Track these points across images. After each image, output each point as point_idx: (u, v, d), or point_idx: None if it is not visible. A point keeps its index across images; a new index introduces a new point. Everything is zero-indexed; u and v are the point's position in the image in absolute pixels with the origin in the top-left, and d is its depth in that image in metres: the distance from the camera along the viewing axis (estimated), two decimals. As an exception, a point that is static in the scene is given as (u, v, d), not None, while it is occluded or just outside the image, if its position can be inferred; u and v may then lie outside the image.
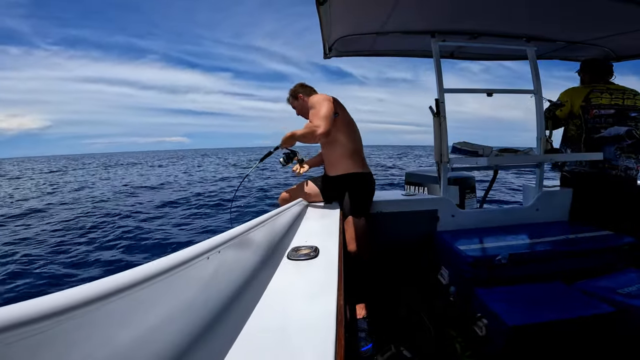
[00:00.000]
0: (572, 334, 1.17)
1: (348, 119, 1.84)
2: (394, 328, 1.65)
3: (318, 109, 1.69)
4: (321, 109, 1.68)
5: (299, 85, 1.97)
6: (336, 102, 1.80)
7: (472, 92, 2.16)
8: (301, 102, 1.92)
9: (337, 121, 1.77)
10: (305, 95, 1.90)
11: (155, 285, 0.43)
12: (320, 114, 1.66)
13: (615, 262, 1.64)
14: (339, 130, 1.79)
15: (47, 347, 0.29)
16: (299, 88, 1.95)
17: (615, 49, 2.28)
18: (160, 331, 0.45)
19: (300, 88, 1.95)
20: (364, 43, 2.15)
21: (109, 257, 4.47)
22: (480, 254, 1.58)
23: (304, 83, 1.97)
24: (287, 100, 2.01)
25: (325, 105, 1.69)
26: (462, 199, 2.78)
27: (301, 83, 1.97)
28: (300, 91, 1.93)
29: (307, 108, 1.85)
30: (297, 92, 1.93)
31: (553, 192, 2.22)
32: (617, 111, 2.04)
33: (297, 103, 1.94)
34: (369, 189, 1.87)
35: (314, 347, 0.49)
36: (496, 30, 2.01)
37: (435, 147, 1.98)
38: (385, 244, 2.00)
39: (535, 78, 2.11)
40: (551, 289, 1.38)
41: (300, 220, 1.40)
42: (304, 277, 0.78)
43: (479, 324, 1.29)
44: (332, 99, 1.79)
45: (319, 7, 1.47)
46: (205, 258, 0.55)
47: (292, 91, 1.96)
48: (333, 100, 1.78)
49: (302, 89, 1.93)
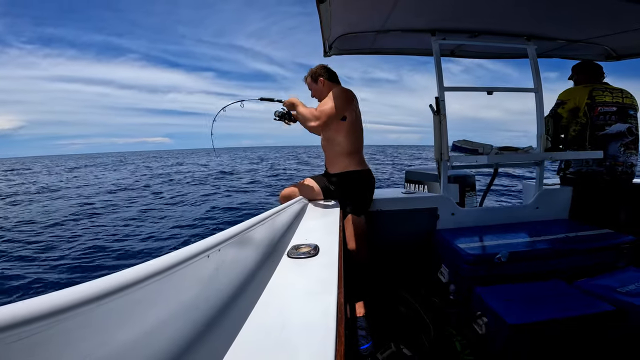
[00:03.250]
0: (572, 333, 1.17)
1: (353, 121, 1.78)
2: (393, 326, 1.65)
3: (331, 103, 1.65)
4: (332, 105, 1.64)
5: (322, 67, 1.85)
6: (353, 103, 1.75)
7: (472, 90, 2.15)
8: (320, 87, 1.82)
9: (340, 123, 1.74)
10: (326, 80, 1.82)
11: (155, 283, 0.42)
12: (327, 109, 1.64)
13: (615, 260, 1.64)
14: (339, 132, 1.77)
15: (45, 347, 0.29)
16: (322, 71, 1.83)
17: (615, 48, 2.27)
18: (161, 330, 0.45)
19: (322, 71, 1.83)
20: (364, 41, 2.14)
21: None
22: (480, 252, 1.58)
23: (327, 66, 1.86)
24: (305, 79, 1.91)
25: (339, 104, 1.66)
26: (462, 197, 2.78)
27: (324, 65, 1.86)
28: (322, 74, 1.82)
29: (325, 94, 1.78)
30: (318, 75, 1.82)
31: (553, 190, 2.22)
32: (618, 109, 2.08)
33: (316, 86, 1.85)
34: (368, 187, 1.86)
35: (314, 345, 0.49)
36: (496, 29, 2.01)
37: (436, 145, 1.98)
38: (385, 242, 2.00)
39: (535, 76, 2.11)
40: (551, 287, 1.38)
41: (300, 218, 1.40)
42: (304, 275, 0.77)
43: (479, 322, 1.29)
44: (351, 98, 1.74)
45: (319, 5, 1.46)
46: (205, 256, 0.55)
47: (313, 72, 1.85)
48: (351, 100, 1.74)
49: (325, 73, 1.83)
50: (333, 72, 1.86)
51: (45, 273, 4.19)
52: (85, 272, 4.21)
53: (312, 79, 1.85)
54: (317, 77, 1.83)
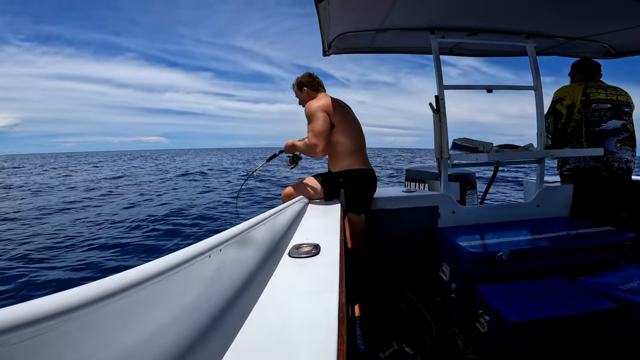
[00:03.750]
0: (573, 331, 1.17)
1: (349, 120, 1.82)
2: (395, 325, 1.65)
3: (314, 123, 1.68)
4: (316, 125, 1.67)
5: (307, 75, 1.92)
6: (336, 107, 1.77)
7: (471, 89, 2.16)
8: (305, 96, 1.89)
9: (336, 126, 1.77)
10: (310, 90, 1.88)
11: (156, 284, 0.42)
12: (316, 130, 1.67)
13: (616, 257, 1.64)
14: (338, 132, 1.78)
15: (46, 349, 0.28)
16: (306, 80, 1.90)
17: (614, 45, 2.27)
18: (163, 331, 0.45)
19: (306, 80, 1.90)
20: (363, 40, 2.14)
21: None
22: (482, 250, 1.58)
23: (312, 74, 1.93)
24: (292, 86, 1.98)
25: (320, 119, 1.68)
26: (463, 195, 2.78)
27: (309, 73, 1.93)
28: (305, 84, 1.89)
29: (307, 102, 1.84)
30: (302, 85, 1.90)
31: (554, 188, 2.22)
32: (613, 105, 2.10)
33: (301, 95, 1.92)
34: (371, 186, 1.86)
35: (316, 344, 0.49)
36: (496, 27, 2.01)
37: (436, 143, 1.98)
38: (386, 241, 2.00)
39: (535, 74, 2.11)
40: (552, 285, 1.38)
41: (301, 217, 1.40)
42: (305, 274, 0.77)
43: (481, 320, 1.29)
44: (330, 104, 1.75)
45: (318, 4, 1.46)
46: (207, 256, 0.55)
47: (298, 81, 1.93)
48: (332, 106, 1.75)
49: (308, 83, 1.89)
50: (318, 81, 1.91)
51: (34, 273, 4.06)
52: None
53: (298, 88, 1.94)
54: (301, 86, 1.91)
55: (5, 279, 3.90)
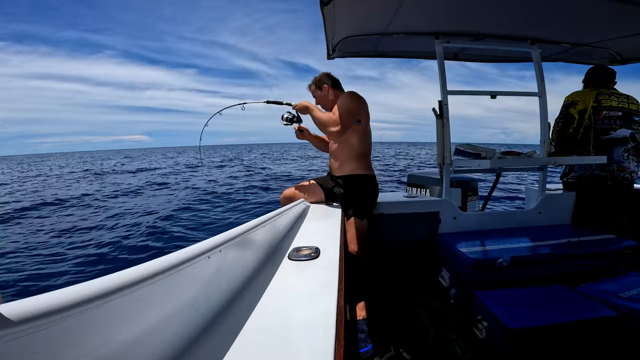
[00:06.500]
0: (573, 338, 1.16)
1: (366, 124, 1.83)
2: (393, 329, 1.65)
3: (347, 107, 1.70)
4: (349, 109, 1.69)
5: (325, 75, 1.92)
6: (365, 107, 1.80)
7: (476, 94, 2.15)
8: (325, 94, 1.89)
9: (355, 127, 1.77)
10: (330, 87, 1.88)
11: (155, 284, 0.43)
12: (345, 114, 1.68)
13: (617, 265, 1.63)
14: (353, 134, 1.79)
15: (44, 346, 0.29)
16: (325, 78, 1.90)
17: (620, 52, 2.26)
18: (160, 330, 0.45)
19: (326, 78, 1.90)
20: (367, 44, 2.15)
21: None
22: (482, 257, 1.58)
23: (330, 74, 1.93)
24: (308, 87, 1.97)
25: (354, 107, 1.72)
26: (464, 202, 2.77)
27: (327, 73, 1.93)
28: (326, 82, 1.89)
29: (329, 100, 1.86)
30: (322, 83, 1.89)
31: (555, 195, 2.21)
32: (624, 114, 2.08)
33: (320, 93, 1.91)
34: (373, 191, 1.86)
35: (313, 347, 0.49)
36: (500, 32, 2.00)
37: (438, 149, 1.97)
38: (386, 246, 2.00)
39: (539, 80, 2.10)
40: (552, 292, 1.37)
41: (301, 220, 1.40)
42: (304, 277, 0.78)
43: (479, 326, 1.28)
44: (363, 102, 1.79)
45: (323, 7, 1.46)
46: (206, 257, 0.56)
47: (317, 80, 1.91)
48: (363, 104, 1.78)
49: (328, 80, 1.89)
50: (336, 80, 1.91)
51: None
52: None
53: (317, 87, 1.91)
54: (321, 84, 1.89)
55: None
